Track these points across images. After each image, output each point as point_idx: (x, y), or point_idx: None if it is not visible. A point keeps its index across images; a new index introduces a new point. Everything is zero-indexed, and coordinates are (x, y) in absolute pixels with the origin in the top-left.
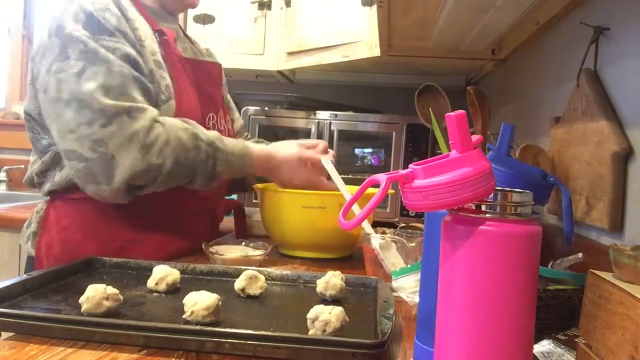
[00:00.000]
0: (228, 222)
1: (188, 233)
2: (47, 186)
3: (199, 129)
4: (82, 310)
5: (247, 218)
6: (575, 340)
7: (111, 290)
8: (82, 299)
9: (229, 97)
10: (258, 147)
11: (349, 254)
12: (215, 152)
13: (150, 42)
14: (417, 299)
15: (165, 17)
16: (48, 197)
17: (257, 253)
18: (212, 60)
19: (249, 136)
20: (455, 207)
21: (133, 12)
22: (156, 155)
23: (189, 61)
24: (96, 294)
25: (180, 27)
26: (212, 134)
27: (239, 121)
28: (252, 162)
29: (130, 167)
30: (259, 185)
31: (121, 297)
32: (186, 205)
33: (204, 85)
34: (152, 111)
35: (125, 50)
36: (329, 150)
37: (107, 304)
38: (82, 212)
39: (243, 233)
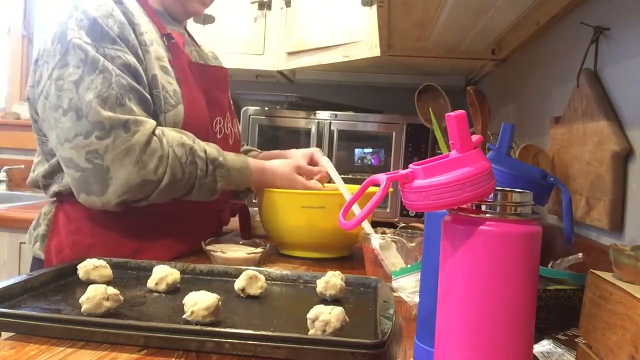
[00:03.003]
0: (230, 222)
1: (195, 235)
2: (54, 188)
3: (198, 144)
4: (82, 310)
5: (251, 219)
6: (575, 340)
7: (111, 290)
8: (82, 299)
9: None
10: (254, 161)
11: (349, 254)
12: (215, 168)
13: (157, 47)
14: (417, 299)
15: (171, 20)
16: (55, 199)
17: (256, 251)
18: (218, 64)
19: (244, 145)
20: (455, 207)
21: (140, 16)
22: (152, 170)
23: (196, 66)
24: (96, 294)
25: (187, 30)
26: (212, 149)
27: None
28: (250, 175)
29: (125, 180)
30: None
31: (121, 298)
32: (194, 208)
33: (211, 89)
34: (149, 123)
35: (126, 59)
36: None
37: (107, 304)
38: (91, 215)
39: (248, 234)
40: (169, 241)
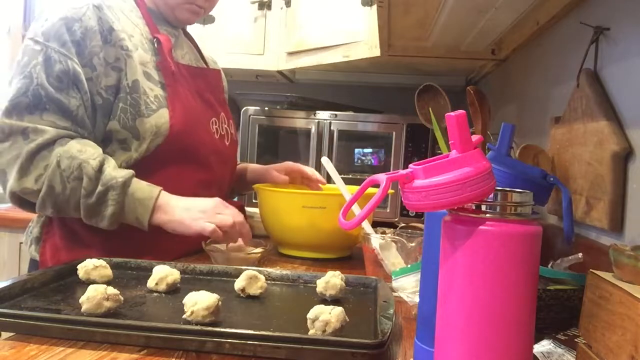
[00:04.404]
0: None
1: (191, 237)
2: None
3: (97, 162)
4: (82, 310)
5: (248, 219)
6: (575, 340)
7: (111, 290)
8: (82, 299)
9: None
10: (169, 196)
11: (348, 254)
12: (107, 190)
13: (142, 52)
14: (417, 299)
15: (166, 22)
16: None
17: (256, 251)
18: (213, 67)
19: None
20: (455, 207)
21: (129, 19)
22: (33, 179)
23: (187, 68)
24: (96, 294)
25: (187, 33)
26: (116, 171)
27: None
28: (152, 207)
29: (10, 186)
30: (259, 185)
31: (121, 298)
32: None
33: (202, 91)
34: (49, 133)
35: (67, 65)
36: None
37: (107, 304)
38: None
39: None
40: (164, 242)
